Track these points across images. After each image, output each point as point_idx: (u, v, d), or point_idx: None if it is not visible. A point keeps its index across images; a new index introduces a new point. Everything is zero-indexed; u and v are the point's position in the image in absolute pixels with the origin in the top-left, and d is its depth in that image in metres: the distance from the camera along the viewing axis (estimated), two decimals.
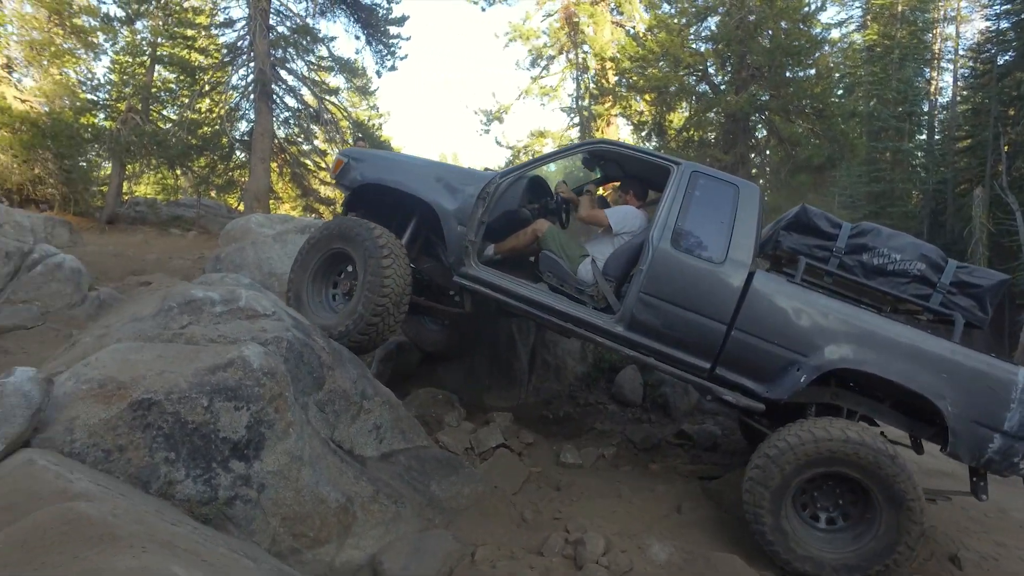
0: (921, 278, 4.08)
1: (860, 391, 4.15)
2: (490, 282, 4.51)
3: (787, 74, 15.01)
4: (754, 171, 16.71)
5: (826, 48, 17.04)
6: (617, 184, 5.43)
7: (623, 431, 5.76)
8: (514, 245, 4.92)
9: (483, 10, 21.70)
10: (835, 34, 20.02)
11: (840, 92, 18.12)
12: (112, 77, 18.48)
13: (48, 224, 11.36)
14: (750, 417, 4.36)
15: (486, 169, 5.17)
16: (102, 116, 17.40)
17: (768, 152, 16.68)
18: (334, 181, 5.22)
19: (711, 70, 16.65)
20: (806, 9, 14.74)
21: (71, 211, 16.65)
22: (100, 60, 19.22)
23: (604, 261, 4.58)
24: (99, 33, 16.66)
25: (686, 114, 18.28)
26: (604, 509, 4.19)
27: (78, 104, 16.70)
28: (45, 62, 16.00)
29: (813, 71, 15.59)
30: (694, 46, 16.54)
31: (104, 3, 16.00)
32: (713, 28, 16.41)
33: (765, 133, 16.58)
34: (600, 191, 5.43)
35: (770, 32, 14.66)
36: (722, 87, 16.32)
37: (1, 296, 5.60)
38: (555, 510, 4.15)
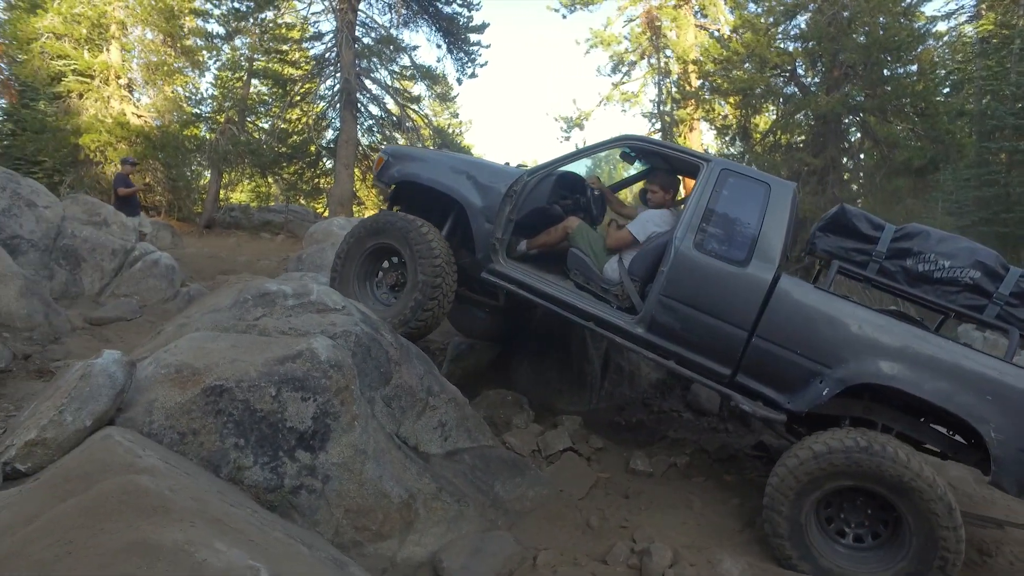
0: (974, 287, 3.71)
1: (898, 407, 3.77)
2: (516, 278, 4.52)
3: (885, 72, 14.06)
4: (846, 175, 15.75)
5: (930, 42, 15.83)
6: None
7: (697, 440, 5.48)
8: (545, 241, 4.90)
9: (564, 17, 21.76)
10: (941, 27, 18.50)
11: (946, 90, 16.75)
12: (214, 91, 19.88)
13: (155, 227, 12.28)
14: (772, 428, 4.10)
15: (517, 165, 5.11)
16: (204, 128, 18.68)
17: (863, 155, 15.66)
18: (375, 177, 5.36)
19: (800, 70, 15.88)
20: (907, 2, 13.78)
21: (175, 216, 17.93)
22: (204, 76, 20.65)
23: (631, 260, 4.46)
24: (204, 52, 17.96)
25: (772, 117, 17.53)
26: (674, 520, 3.98)
27: (184, 118, 18.01)
28: (159, 81, 17.37)
29: (915, 67, 14.52)
30: (781, 46, 15.83)
31: (208, 22, 17.11)
32: (803, 26, 15.66)
33: (859, 135, 15.60)
34: (642, 184, 5.23)
35: (867, 27, 13.78)
36: (812, 88, 15.52)
37: (107, 290, 6.04)
38: (622, 518, 3.97)
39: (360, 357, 3.71)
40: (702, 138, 21.96)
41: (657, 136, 22.73)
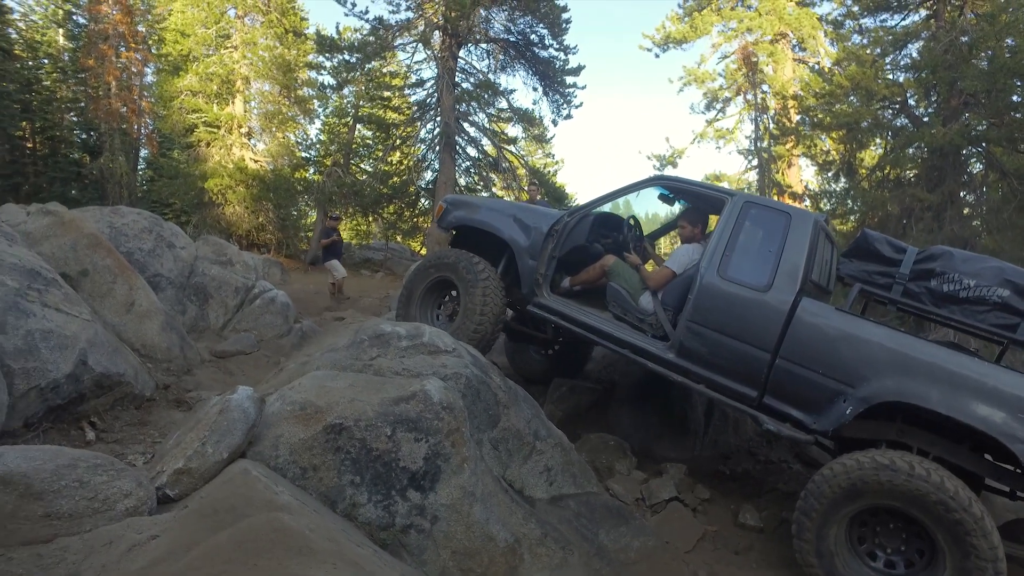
0: (1004, 306, 3.64)
1: (933, 429, 3.64)
2: (558, 311, 4.88)
3: (1014, 98, 13.03)
4: (966, 211, 14.58)
5: None
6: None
7: None
8: (586, 278, 5.23)
9: (656, 56, 21.81)
10: None
11: None
12: (322, 136, 21.35)
13: (265, 264, 13.16)
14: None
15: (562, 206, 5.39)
16: (312, 171, 20.02)
17: (986, 189, 14.48)
18: (436, 223, 5.88)
19: (911, 101, 15.01)
20: None
21: (284, 254, 19.19)
22: (313, 123, 22.30)
23: (664, 291, 4.67)
24: (315, 101, 19.40)
25: (879, 151, 16.61)
26: None
27: (294, 162, 19.41)
28: (274, 129, 18.91)
29: None
30: (890, 76, 15.06)
31: (321, 75, 18.58)
32: (914, 55, 14.87)
33: (981, 167, 14.46)
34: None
35: (990, 51, 12.87)
36: (924, 119, 14.61)
37: (229, 324, 6.50)
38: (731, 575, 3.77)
39: (470, 399, 3.77)
40: (801, 174, 21.13)
41: (754, 173, 22.13)
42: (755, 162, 21.73)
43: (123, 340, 4.69)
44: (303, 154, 20.71)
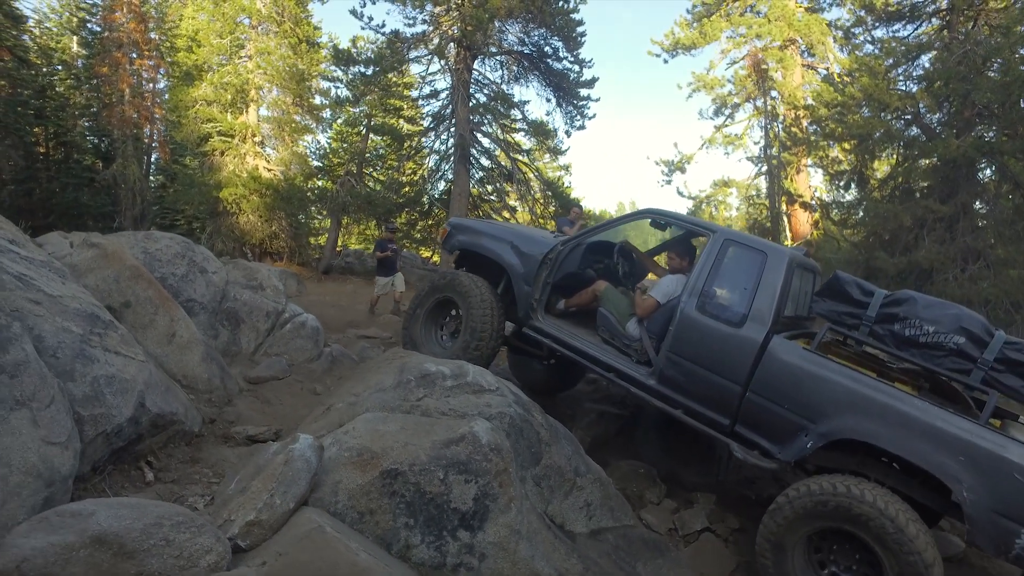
0: (959, 352, 3.84)
1: (890, 462, 3.99)
2: (551, 333, 5.23)
3: None
4: (980, 223, 14.61)
5: None
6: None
7: None
8: (578, 302, 5.58)
9: (665, 62, 21.89)
10: None
11: None
12: (333, 145, 21.43)
13: (282, 276, 13.27)
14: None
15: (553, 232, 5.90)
16: (324, 179, 20.13)
17: (1000, 200, 14.50)
18: (441, 246, 6.11)
19: (923, 111, 15.01)
20: None
21: (296, 262, 19.32)
22: (326, 132, 22.41)
23: (649, 320, 4.94)
24: (327, 110, 19.51)
25: (891, 161, 16.62)
26: None
27: (306, 171, 19.53)
28: (287, 137, 19.03)
29: None
30: (902, 87, 15.08)
31: (337, 87, 18.71)
32: (926, 66, 14.88)
33: (995, 179, 14.47)
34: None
35: (1004, 62, 12.89)
36: (937, 129, 14.62)
37: (260, 349, 6.62)
38: None
39: (513, 438, 3.88)
40: (809, 180, 21.17)
41: (763, 179, 22.18)
42: (764, 168, 21.80)
43: (166, 371, 4.81)
44: (316, 163, 20.81)
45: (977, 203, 14.80)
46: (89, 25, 23.69)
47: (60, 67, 23.57)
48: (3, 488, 2.57)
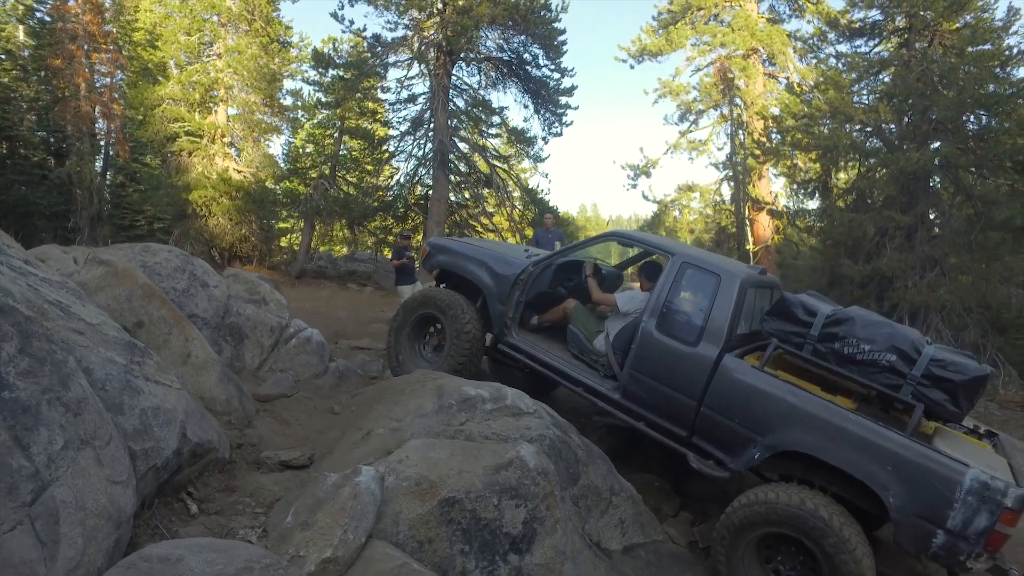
0: (891, 369, 4.12)
1: (833, 471, 4.24)
2: (523, 349, 5.56)
3: (979, 126, 13.84)
4: (936, 231, 15.41)
5: None
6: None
7: None
8: (551, 319, 5.97)
9: (631, 68, 22.25)
10: None
11: None
12: (303, 146, 20.98)
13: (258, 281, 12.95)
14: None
15: (526, 251, 6.34)
16: (295, 181, 19.72)
17: (954, 211, 15.32)
18: (422, 264, 6.65)
19: (884, 125, 15.74)
20: (1006, 54, 13.62)
21: (266, 265, 18.89)
22: (297, 134, 21.90)
23: (615, 335, 5.24)
24: (300, 111, 19.13)
25: (853, 170, 17.36)
26: None
27: (277, 173, 19.10)
28: (258, 138, 18.57)
29: (1011, 124, 14.20)
30: (865, 101, 15.77)
31: (314, 89, 18.35)
32: (887, 81, 15.59)
33: (951, 191, 15.29)
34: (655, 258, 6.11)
35: (960, 82, 13.64)
36: (897, 142, 15.35)
37: (265, 364, 6.51)
38: None
39: (553, 459, 3.98)
40: (771, 186, 21.88)
41: (727, 185, 22.85)
42: (729, 173, 22.43)
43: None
44: (286, 166, 20.35)
45: (932, 214, 15.60)
46: (38, 14, 22.55)
47: (3, 57, 22.32)
48: (83, 533, 2.51)
